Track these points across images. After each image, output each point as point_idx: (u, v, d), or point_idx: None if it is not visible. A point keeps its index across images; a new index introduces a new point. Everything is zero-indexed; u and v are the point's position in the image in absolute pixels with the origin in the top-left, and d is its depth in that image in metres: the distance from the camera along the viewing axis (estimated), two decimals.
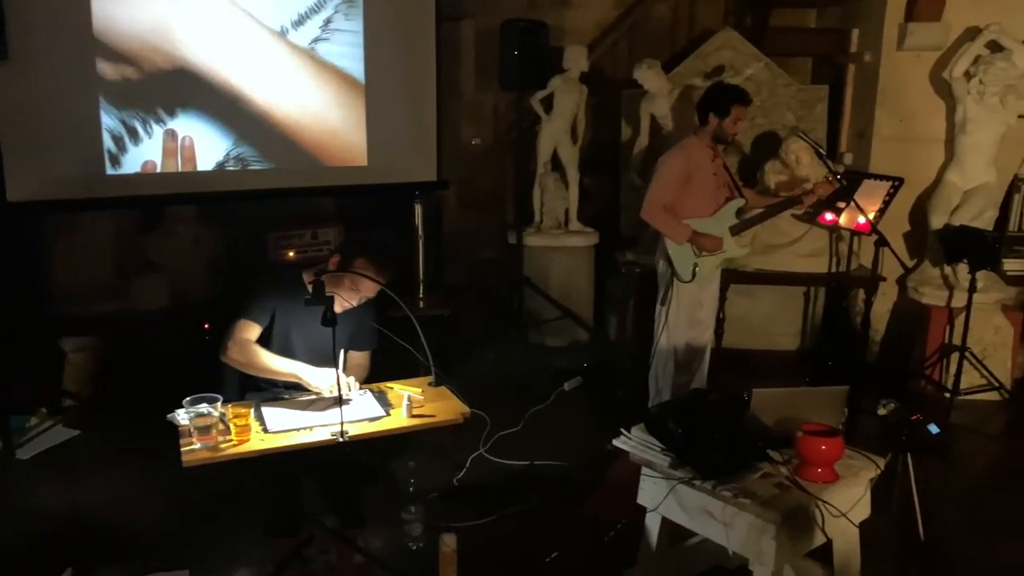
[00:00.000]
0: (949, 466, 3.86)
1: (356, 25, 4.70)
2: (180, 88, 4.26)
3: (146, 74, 4.17)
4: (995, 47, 4.51)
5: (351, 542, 2.70)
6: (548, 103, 5.20)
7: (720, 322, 4.65)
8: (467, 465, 3.66)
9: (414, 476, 3.56)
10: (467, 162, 5.86)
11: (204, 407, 2.28)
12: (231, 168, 4.50)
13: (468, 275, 5.87)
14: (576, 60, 5.08)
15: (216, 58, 4.32)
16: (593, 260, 5.53)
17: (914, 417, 2.54)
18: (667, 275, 3.95)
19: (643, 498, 2.54)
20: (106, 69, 4.07)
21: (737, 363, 4.84)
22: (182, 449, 2.23)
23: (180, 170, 4.35)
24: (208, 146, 4.40)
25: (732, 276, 4.59)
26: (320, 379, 2.54)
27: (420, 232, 5.27)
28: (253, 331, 2.60)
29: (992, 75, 4.39)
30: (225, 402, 2.41)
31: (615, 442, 2.60)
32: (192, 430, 2.25)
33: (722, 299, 4.59)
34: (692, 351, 4.07)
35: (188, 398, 2.31)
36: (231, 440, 2.27)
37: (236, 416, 2.29)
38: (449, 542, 2.73)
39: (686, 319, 3.98)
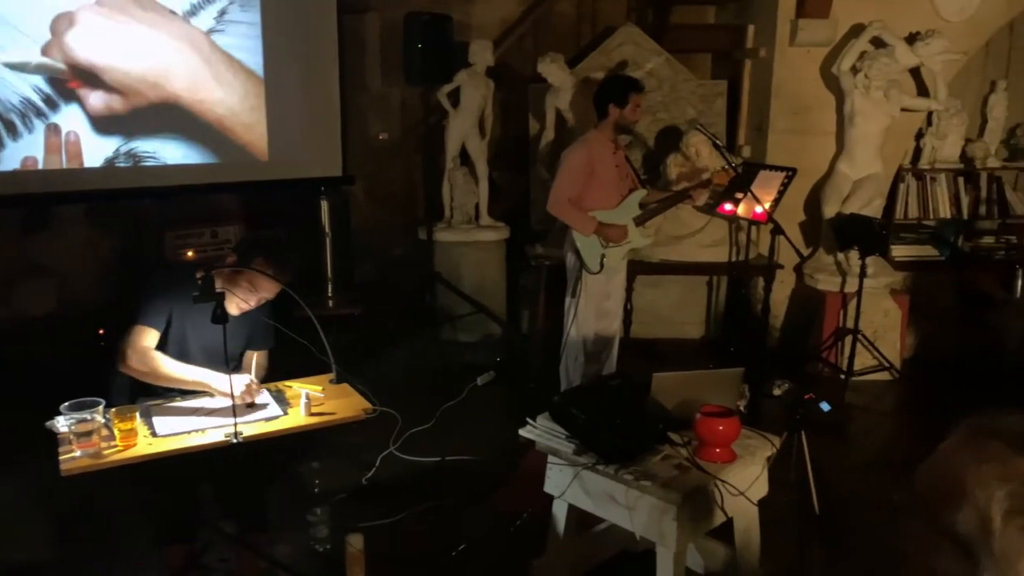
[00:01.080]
0: (844, 443, 4.04)
1: (253, 16, 4.56)
2: (66, 76, 4.04)
3: (26, 60, 3.94)
4: (879, 43, 4.73)
5: (252, 547, 2.61)
6: (455, 97, 5.16)
7: (628, 313, 4.72)
8: (377, 464, 3.59)
9: (322, 477, 3.48)
10: (375, 157, 5.77)
11: (85, 413, 2.16)
12: (122, 165, 4.30)
13: (378, 272, 5.79)
14: (482, 54, 5.07)
15: (103, 48, 4.11)
16: (504, 254, 5.53)
17: (807, 396, 2.63)
18: (575, 267, 3.99)
19: (549, 486, 2.54)
20: None
21: (645, 352, 4.92)
22: (61, 457, 2.10)
23: (65, 167, 4.12)
24: (95, 142, 4.19)
25: (638, 267, 4.67)
26: (231, 384, 2.42)
27: (327, 229, 5.16)
28: (151, 337, 2.47)
29: (876, 70, 4.60)
30: (112, 407, 2.29)
31: (522, 432, 2.60)
32: (72, 437, 2.12)
33: (629, 290, 4.67)
34: (601, 341, 4.12)
35: (66, 403, 2.18)
36: (116, 446, 2.16)
37: (121, 421, 2.17)
38: (355, 542, 2.67)
39: (595, 310, 4.04)
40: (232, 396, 2.30)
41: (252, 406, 2.44)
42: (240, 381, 2.43)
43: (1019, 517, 0.79)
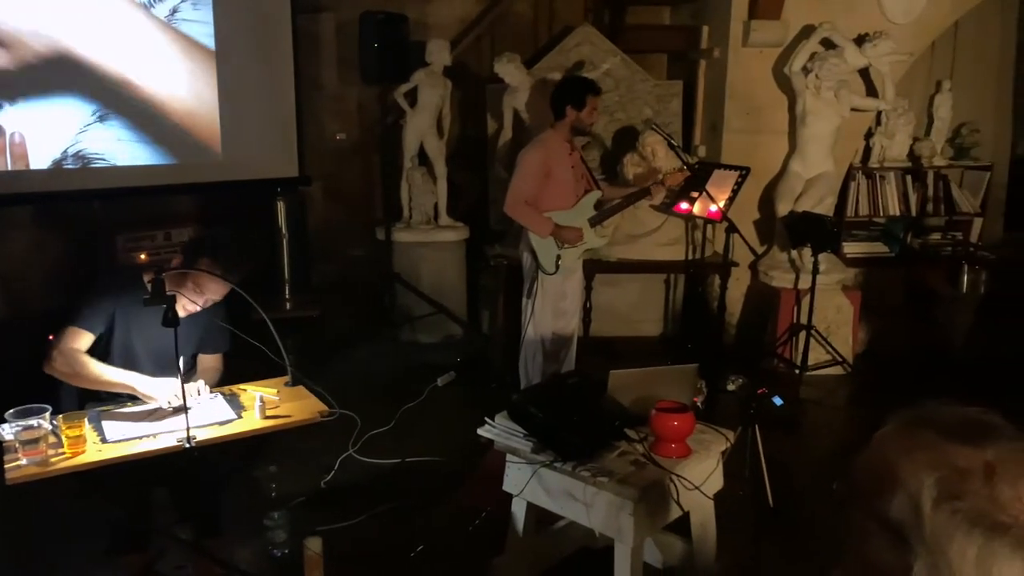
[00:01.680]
0: (798, 437, 4.11)
1: (206, 15, 4.49)
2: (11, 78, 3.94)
3: None
4: (829, 44, 4.83)
5: (208, 553, 2.57)
6: (413, 97, 5.15)
7: (587, 311, 4.76)
8: (335, 467, 3.57)
9: (281, 481, 3.43)
10: (333, 157, 5.73)
11: (31, 420, 2.11)
12: (70, 167, 4.20)
13: (337, 273, 5.74)
14: (439, 54, 5.05)
15: (50, 48, 4.02)
16: (464, 254, 5.52)
17: (760, 391, 2.68)
18: (532, 268, 4.01)
19: (508, 485, 2.55)
20: None
21: (604, 350, 4.96)
22: (7, 466, 2.04)
23: (10, 169, 4.02)
24: (42, 143, 4.08)
25: (596, 266, 4.71)
26: (158, 390, 2.37)
27: (284, 230, 5.11)
28: (83, 339, 2.42)
29: (826, 70, 4.69)
30: (59, 414, 2.24)
31: (480, 431, 2.61)
32: (18, 445, 2.07)
33: (588, 289, 4.71)
34: (559, 341, 4.15)
35: (11, 411, 2.12)
36: (64, 453, 2.11)
37: (69, 427, 2.13)
38: (314, 546, 2.65)
39: (552, 310, 4.06)
40: (183, 395, 2.26)
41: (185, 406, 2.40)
42: (170, 385, 2.35)
43: (948, 503, 0.82)
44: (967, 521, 0.81)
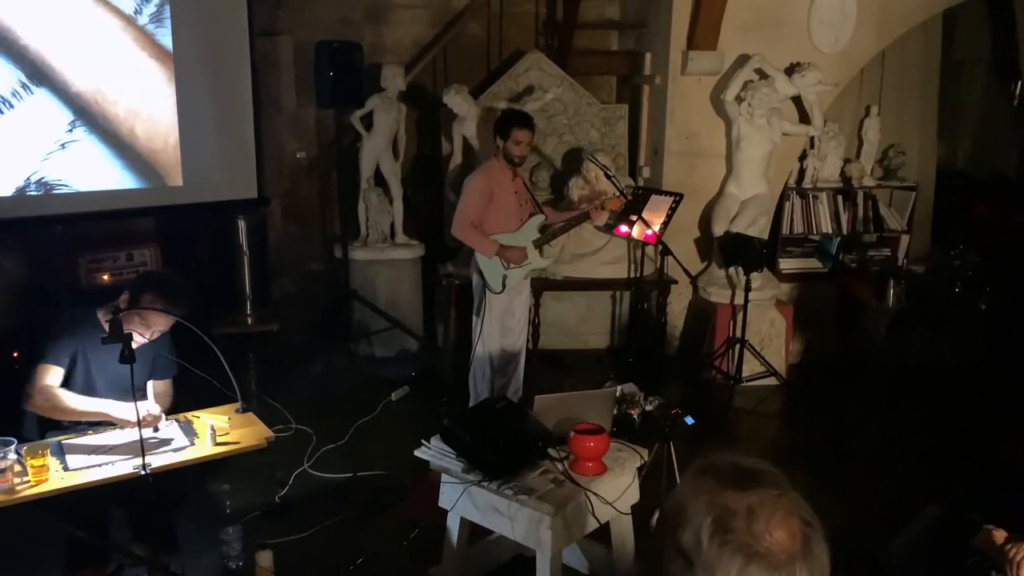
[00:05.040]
0: (731, 445, 4.38)
1: (164, 41, 4.64)
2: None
3: None
4: (762, 73, 5.12)
5: (164, 567, 2.76)
6: (368, 120, 5.34)
7: (536, 327, 5.00)
8: (290, 482, 3.76)
9: (237, 497, 3.62)
10: (292, 176, 5.91)
11: None
12: (33, 193, 4.34)
13: (296, 289, 5.92)
14: (393, 80, 5.26)
15: (8, 77, 4.16)
16: (420, 271, 5.72)
17: (673, 411, 2.93)
18: (480, 287, 4.25)
19: (443, 500, 2.79)
20: None
21: (553, 363, 5.20)
22: None
23: None
24: (3, 171, 4.22)
25: (544, 284, 4.96)
26: (130, 412, 2.58)
27: (244, 248, 5.27)
28: (54, 374, 2.64)
29: (758, 99, 4.98)
30: (24, 442, 2.43)
31: (417, 452, 2.84)
32: None
33: (537, 305, 4.95)
34: (507, 356, 4.39)
35: None
36: (29, 481, 2.30)
37: (33, 457, 2.32)
38: (264, 558, 2.86)
39: (499, 328, 4.30)
40: (138, 423, 2.46)
41: (156, 431, 2.62)
42: (141, 408, 2.58)
43: (720, 536, 1.07)
44: (731, 550, 1.06)
